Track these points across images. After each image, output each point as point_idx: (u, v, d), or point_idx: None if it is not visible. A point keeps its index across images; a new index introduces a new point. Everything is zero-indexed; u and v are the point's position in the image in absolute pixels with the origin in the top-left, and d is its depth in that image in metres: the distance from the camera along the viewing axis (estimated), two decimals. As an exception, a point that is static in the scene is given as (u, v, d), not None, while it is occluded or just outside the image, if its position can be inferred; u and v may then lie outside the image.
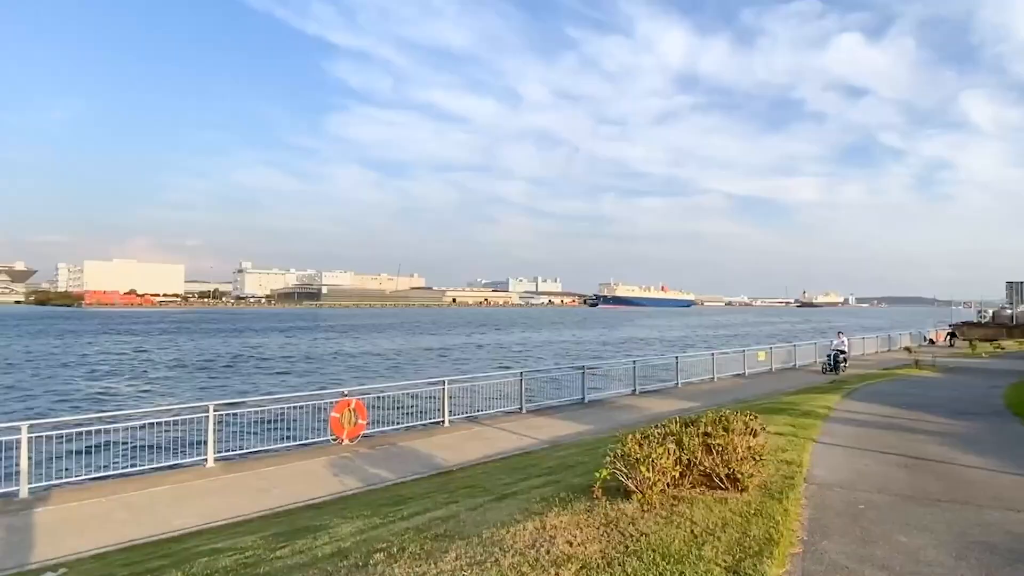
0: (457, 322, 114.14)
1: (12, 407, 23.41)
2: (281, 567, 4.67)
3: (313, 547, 5.20)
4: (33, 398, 25.98)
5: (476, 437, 13.24)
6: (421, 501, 7.08)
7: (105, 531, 7.86)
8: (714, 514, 4.94)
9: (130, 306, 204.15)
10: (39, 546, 7.46)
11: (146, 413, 11.73)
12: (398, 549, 4.57)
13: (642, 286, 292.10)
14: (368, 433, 12.91)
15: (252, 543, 5.82)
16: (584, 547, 4.22)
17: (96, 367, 38.10)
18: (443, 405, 14.34)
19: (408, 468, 10.72)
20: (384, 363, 41.69)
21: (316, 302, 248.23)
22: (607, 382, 19.14)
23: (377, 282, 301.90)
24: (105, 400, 25.67)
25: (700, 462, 5.55)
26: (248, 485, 9.74)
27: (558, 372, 19.11)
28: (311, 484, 9.77)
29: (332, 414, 12.45)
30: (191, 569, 4.91)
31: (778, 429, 9.04)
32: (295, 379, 32.86)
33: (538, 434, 13.38)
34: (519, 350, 52.57)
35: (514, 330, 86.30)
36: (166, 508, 8.67)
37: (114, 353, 47.77)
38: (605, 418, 15.10)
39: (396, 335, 73.48)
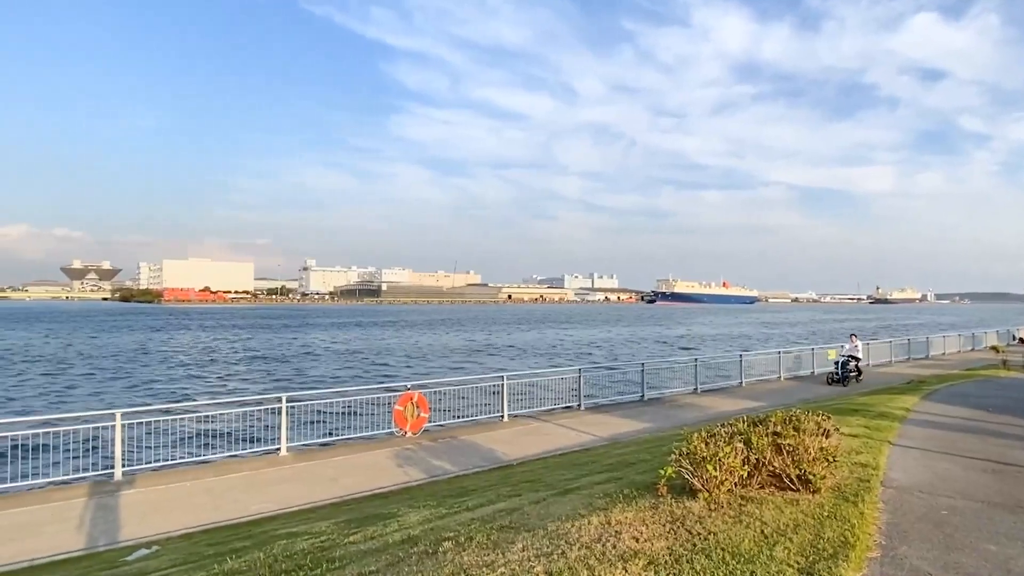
0: (513, 319, 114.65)
1: (107, 397, 25.26)
2: (355, 552, 4.88)
3: (383, 534, 5.40)
4: (124, 388, 27.92)
5: (535, 432, 13.33)
6: (484, 493, 7.21)
7: (189, 513, 8.41)
8: (785, 515, 4.82)
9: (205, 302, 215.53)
10: (132, 524, 8.06)
11: (224, 404, 12.44)
12: (465, 538, 4.69)
13: (702, 282, 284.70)
14: (430, 426, 13.22)
15: (326, 528, 6.09)
16: (650, 543, 4.21)
17: (177, 360, 40.55)
18: (502, 400, 14.50)
19: (469, 461, 10.92)
20: (443, 358, 42.42)
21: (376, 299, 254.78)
22: (667, 380, 18.83)
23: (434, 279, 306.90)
24: (186, 391, 27.32)
25: (769, 462, 5.42)
26: (318, 474, 10.18)
27: (616, 369, 18.92)
28: (377, 474, 10.11)
29: (396, 407, 12.82)
30: (271, 551, 5.19)
31: (852, 431, 8.68)
32: (359, 373, 33.91)
33: (597, 431, 13.34)
34: (576, 347, 52.34)
35: (570, 327, 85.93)
36: (243, 493, 9.18)
37: (192, 347, 50.69)
38: (665, 416, 14.88)
39: (453, 331, 74.58)
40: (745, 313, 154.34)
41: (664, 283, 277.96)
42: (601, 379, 17.99)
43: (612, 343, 56.66)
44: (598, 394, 16.92)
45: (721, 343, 56.57)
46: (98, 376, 32.20)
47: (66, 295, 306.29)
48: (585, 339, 61.34)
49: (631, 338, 63.66)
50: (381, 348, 50.22)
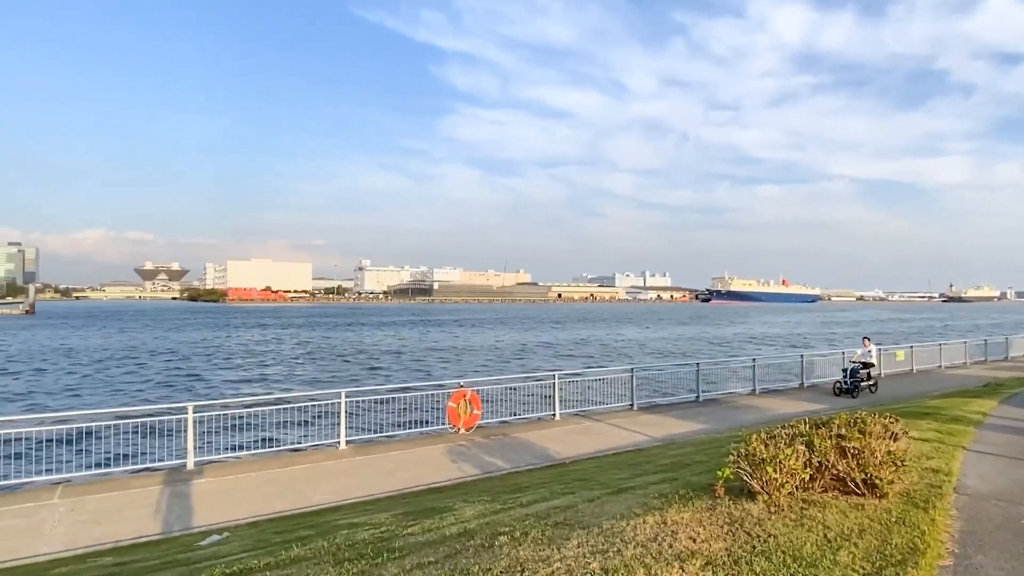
0: (563, 318, 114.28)
1: (180, 390, 26.72)
2: (413, 543, 5.02)
3: (440, 526, 5.53)
4: (194, 383, 29.44)
5: (587, 432, 13.29)
6: (538, 490, 7.27)
7: (256, 502, 8.82)
8: (849, 519, 4.67)
9: (266, 301, 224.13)
10: (204, 512, 8.52)
11: (286, 399, 12.97)
12: (521, 533, 4.75)
13: (760, 280, 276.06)
14: (482, 423, 13.38)
15: (385, 520, 6.29)
16: (708, 544, 4.17)
17: (242, 356, 42.44)
18: (554, 399, 14.52)
19: (522, 459, 11.00)
20: (494, 357, 42.75)
21: (428, 298, 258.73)
22: (723, 380, 18.40)
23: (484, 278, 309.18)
24: (251, 386, 28.56)
25: (833, 465, 5.25)
26: (376, 467, 10.48)
27: (670, 369, 18.62)
28: (432, 469, 10.33)
29: (449, 404, 13.04)
30: (334, 539, 5.40)
31: (922, 435, 8.29)
32: (412, 370, 34.59)
33: (650, 431, 13.19)
34: (628, 346, 51.73)
35: (622, 326, 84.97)
36: (306, 484, 9.55)
37: (256, 344, 52.91)
38: (722, 417, 14.56)
39: (504, 330, 75.00)
40: (806, 312, 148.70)
41: (719, 281, 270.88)
42: (654, 379, 17.75)
43: (665, 343, 55.71)
44: (651, 394, 16.71)
45: (780, 343, 54.73)
46: (171, 371, 34.07)
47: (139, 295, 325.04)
48: (637, 339, 60.54)
49: (685, 338, 62.40)
50: (433, 346, 51.03)
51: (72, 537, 7.55)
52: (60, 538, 7.53)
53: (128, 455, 10.46)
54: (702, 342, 56.24)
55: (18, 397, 25.29)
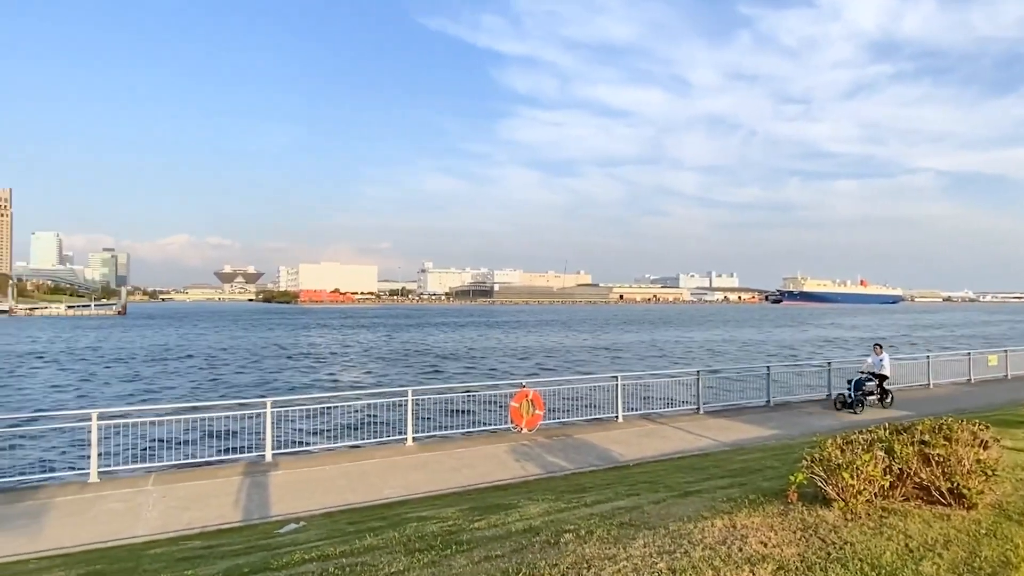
0: (625, 319, 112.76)
1: (258, 386, 28.19)
2: (480, 537, 5.14)
3: (506, 522, 5.63)
4: (271, 379, 30.98)
5: (651, 434, 13.11)
6: (602, 491, 7.26)
7: (329, 494, 9.22)
8: (933, 530, 4.43)
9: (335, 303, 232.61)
10: (281, 501, 8.98)
11: (356, 395, 13.47)
12: (586, 532, 4.78)
13: (835, 280, 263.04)
14: (544, 423, 13.44)
15: (452, 514, 6.45)
16: (780, 549, 4.07)
17: (314, 355, 44.28)
18: (616, 401, 14.40)
19: (585, 460, 10.99)
20: (555, 357, 42.72)
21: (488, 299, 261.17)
22: (796, 385, 17.68)
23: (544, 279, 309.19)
24: (323, 383, 29.78)
25: (915, 473, 4.99)
26: (442, 464, 10.73)
27: (739, 372, 18.07)
28: (495, 467, 10.48)
29: (512, 404, 13.17)
30: (404, 531, 5.60)
31: (1017, 444, 7.72)
32: (475, 370, 35.08)
33: (717, 436, 12.87)
34: (693, 349, 50.50)
35: (687, 328, 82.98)
36: (376, 478, 9.90)
37: (327, 344, 55.06)
38: (794, 423, 14.02)
39: (564, 331, 74.76)
40: (887, 314, 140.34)
41: (791, 281, 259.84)
42: (722, 382, 17.28)
43: (733, 345, 54.01)
44: (719, 398, 16.27)
45: (858, 347, 51.95)
46: (250, 368, 35.99)
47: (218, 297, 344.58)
48: (703, 341, 58.97)
49: (754, 340, 60.28)
50: (494, 347, 51.52)
51: (165, 521, 8.15)
52: (154, 522, 8.13)
53: (213, 446, 11.16)
54: (772, 345, 54.15)
55: (117, 389, 27.40)
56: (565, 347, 51.87)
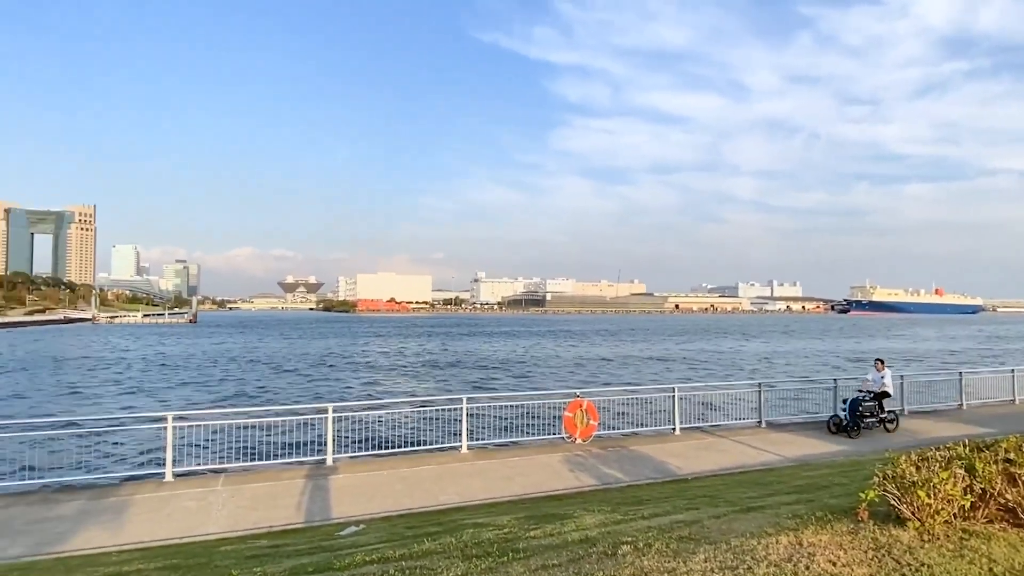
0: (681, 329, 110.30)
1: (319, 392, 29.12)
2: (536, 545, 5.14)
3: (562, 532, 5.61)
4: (332, 385, 31.95)
5: (710, 448, 12.76)
6: (660, 504, 7.13)
7: (387, 498, 9.41)
8: (1021, 555, 4.13)
9: (391, 312, 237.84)
10: (342, 505, 9.22)
11: (412, 403, 13.70)
12: (644, 544, 4.71)
13: (908, 289, 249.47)
14: (599, 434, 13.30)
15: (507, 522, 6.47)
16: (850, 568, 3.89)
17: (373, 362, 45.37)
18: (673, 412, 14.10)
19: (641, 472, 10.80)
20: (609, 367, 42.21)
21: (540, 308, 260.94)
22: (865, 399, 16.82)
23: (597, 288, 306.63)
24: (381, 389, 30.48)
25: (1000, 493, 4.67)
26: (496, 472, 10.78)
27: (803, 385, 17.35)
28: (549, 477, 10.44)
29: (565, 413, 13.10)
30: (461, 537, 5.66)
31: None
32: (527, 379, 35.07)
33: (780, 450, 12.40)
34: (754, 360, 48.86)
35: (746, 339, 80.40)
36: (432, 484, 10.04)
37: (385, 351, 56.33)
38: (864, 439, 13.36)
39: (618, 340, 73.80)
40: (965, 325, 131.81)
41: (859, 290, 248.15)
42: (785, 395, 16.65)
43: (796, 357, 51.95)
44: (781, 411, 15.69)
45: (934, 360, 49.00)
46: (311, 374, 37.24)
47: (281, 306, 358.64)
48: (765, 352, 56.98)
49: (820, 352, 57.81)
50: (547, 356, 51.38)
51: (234, 520, 8.52)
52: (224, 520, 8.51)
53: (277, 449, 11.60)
54: (840, 357, 51.75)
55: (189, 393, 28.89)
56: (619, 357, 51.18)
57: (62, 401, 27.42)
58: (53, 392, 30.28)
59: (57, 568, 6.30)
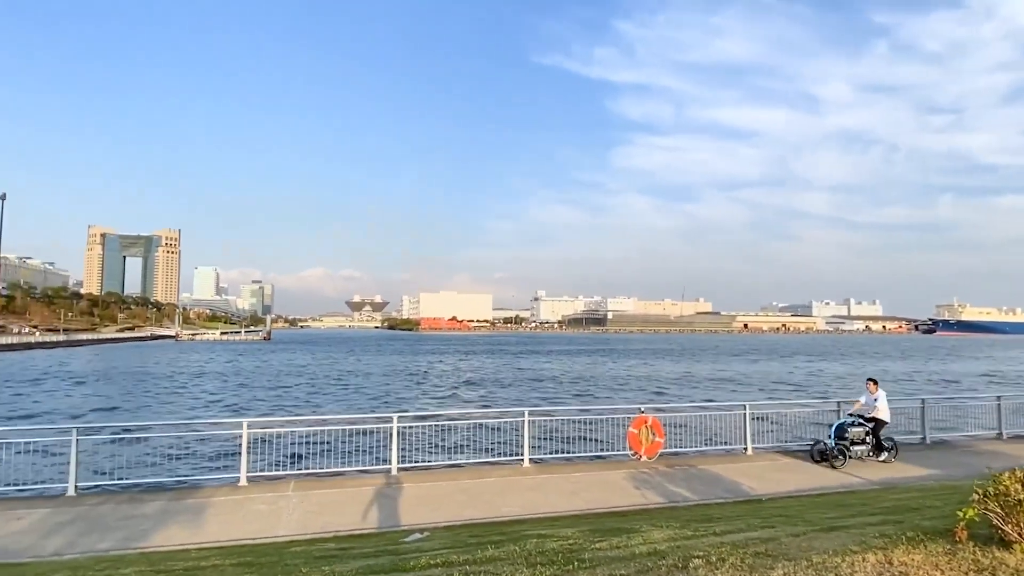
0: (750, 349, 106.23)
1: (385, 404, 29.79)
2: (602, 556, 4.99)
3: (629, 544, 5.43)
4: (397, 398, 32.62)
5: (784, 469, 12.12)
6: (732, 522, 6.80)
7: (450, 508, 9.42)
8: None
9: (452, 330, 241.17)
10: (405, 513, 9.30)
11: (475, 414, 13.76)
12: (717, 559, 4.49)
13: (1001, 308, 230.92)
14: (665, 452, 12.88)
15: (572, 534, 6.33)
16: (950, 592, 3.56)
17: (435, 377, 46.05)
18: (745, 432, 13.51)
19: (711, 491, 10.37)
20: (674, 385, 41.07)
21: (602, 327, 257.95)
22: (958, 422, 15.60)
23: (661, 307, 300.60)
24: (444, 403, 30.86)
25: (1125, 518, 4.18)
26: (558, 486, 10.61)
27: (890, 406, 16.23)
28: (613, 493, 10.18)
29: (630, 430, 12.78)
30: (525, 545, 5.58)
31: None
32: (589, 396, 34.59)
33: (863, 473, 11.62)
34: (829, 381, 46.35)
35: (822, 360, 76.45)
36: (494, 496, 9.99)
37: (446, 367, 57.07)
38: (956, 463, 12.35)
39: (683, 359, 71.78)
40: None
41: (946, 309, 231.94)
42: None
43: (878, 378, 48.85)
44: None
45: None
46: (377, 387, 38.18)
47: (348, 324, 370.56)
48: (843, 374, 53.96)
49: (904, 373, 54.20)
50: (608, 373, 50.58)
51: (303, 524, 8.74)
52: (294, 523, 8.75)
53: (344, 458, 11.88)
54: (925, 379, 48.33)
55: (262, 403, 30.18)
56: (685, 375, 49.74)
57: (148, 409, 29.25)
58: (141, 401, 32.35)
59: (142, 561, 6.64)
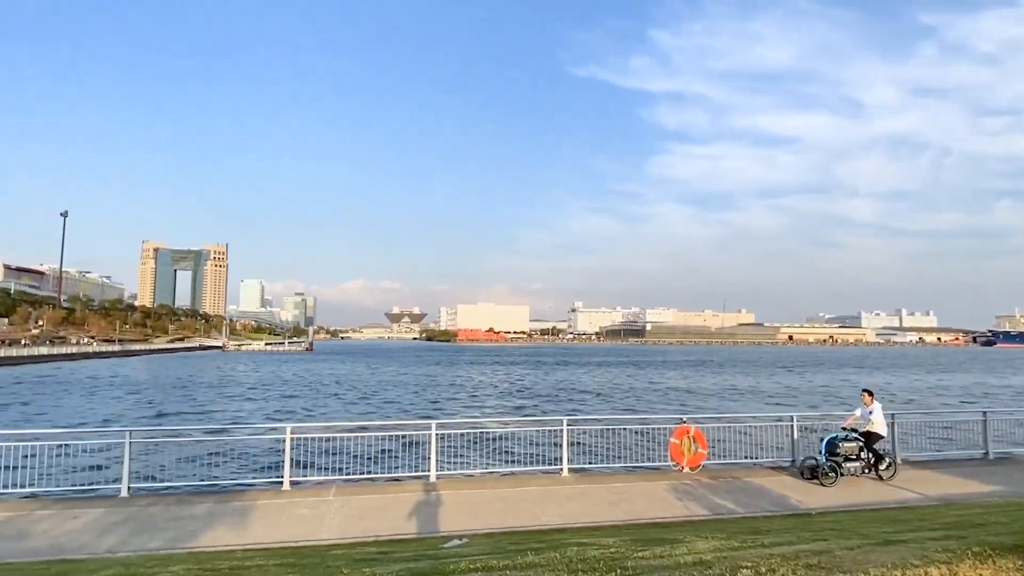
0: (796, 361, 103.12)
1: (423, 412, 30.01)
2: (646, 566, 4.87)
3: (673, 554, 5.28)
4: (435, 406, 32.82)
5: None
6: (781, 534, 6.55)
7: (490, 516, 9.35)
8: None
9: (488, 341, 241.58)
10: (445, 519, 9.28)
11: (511, 423, 13.68)
12: (767, 570, 4.32)
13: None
14: (708, 464, 12.54)
15: (613, 543, 6.20)
16: (1025, 609, 3.32)
17: (470, 387, 46.18)
18: (792, 443, 13.04)
19: (757, 504, 10.03)
20: (717, 397, 40.12)
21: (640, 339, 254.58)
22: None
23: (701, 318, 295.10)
24: (482, 411, 30.86)
25: None
26: (598, 496, 10.43)
27: (944, 419, 15.50)
28: (655, 504, 9.95)
29: (672, 440, 12.50)
30: (566, 553, 5.48)
31: None
32: (628, 407, 34.05)
33: (919, 488, 11.06)
34: (883, 393, 44.54)
35: (873, 371, 73.59)
36: (533, 505, 9.89)
37: (483, 377, 57.19)
38: (1022, 480, 11.64)
39: (725, 372, 70.11)
40: None
41: (1007, 320, 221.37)
42: (922, 430, 14.91)
43: (933, 391, 46.75)
44: (919, 447, 14.06)
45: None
46: (416, 395, 38.54)
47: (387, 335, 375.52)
48: (896, 387, 51.80)
49: (961, 384, 51.69)
50: (648, 385, 49.77)
51: (344, 528, 8.81)
52: (336, 528, 8.83)
53: (384, 464, 11.97)
54: (986, 390, 45.94)
55: (304, 410, 30.80)
56: (727, 387, 48.55)
57: (196, 415, 30.19)
58: (189, 407, 33.42)
59: (190, 560, 6.79)
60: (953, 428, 14.97)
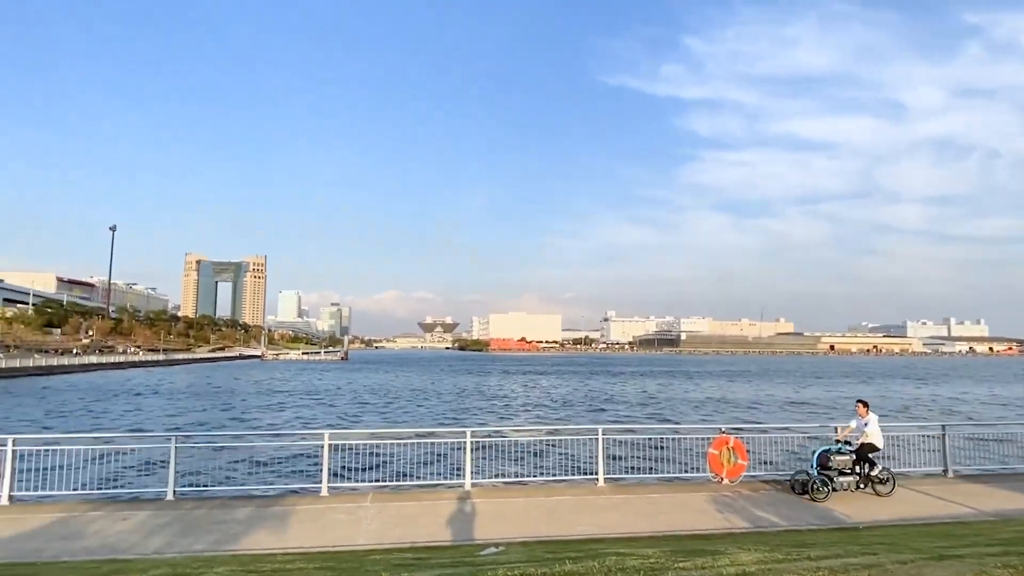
0: (839, 372, 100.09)
1: (457, 420, 30.15)
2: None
3: (714, 566, 5.17)
4: (468, 414, 32.92)
5: (882, 498, 11.20)
6: (827, 548, 6.34)
7: (525, 524, 9.30)
8: None
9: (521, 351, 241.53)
10: (480, 527, 9.26)
11: (545, 431, 13.60)
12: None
13: None
14: (748, 475, 12.24)
15: (652, 553, 6.09)
16: (1098, 629, 3.14)
17: (506, 395, 46.18)
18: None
19: (800, 517, 9.73)
20: (755, 407, 39.19)
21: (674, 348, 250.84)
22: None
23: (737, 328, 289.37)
24: (515, 420, 30.85)
25: None
26: (635, 507, 10.28)
27: (1002, 430, 14.81)
28: (694, 515, 9.74)
29: (710, 451, 12.24)
30: (604, 562, 5.42)
31: None
32: (664, 417, 33.54)
33: (974, 503, 10.57)
34: (932, 404, 42.87)
35: (922, 383, 70.89)
36: (569, 514, 9.80)
37: (516, 387, 57.13)
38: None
39: (764, 382, 68.46)
40: None
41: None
42: (977, 443, 14.29)
43: (987, 402, 44.77)
44: (972, 460, 13.46)
45: None
46: (450, 404, 38.76)
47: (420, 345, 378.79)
48: (945, 395, 49.81)
49: (1019, 397, 49.34)
50: (683, 396, 48.96)
51: (381, 534, 8.88)
52: (372, 533, 8.91)
53: (420, 471, 12.04)
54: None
55: (347, 419, 31.27)
56: (767, 397, 47.39)
57: (237, 422, 30.94)
58: (231, 414, 34.28)
59: (232, 562, 6.93)
60: (1008, 441, 14.28)
